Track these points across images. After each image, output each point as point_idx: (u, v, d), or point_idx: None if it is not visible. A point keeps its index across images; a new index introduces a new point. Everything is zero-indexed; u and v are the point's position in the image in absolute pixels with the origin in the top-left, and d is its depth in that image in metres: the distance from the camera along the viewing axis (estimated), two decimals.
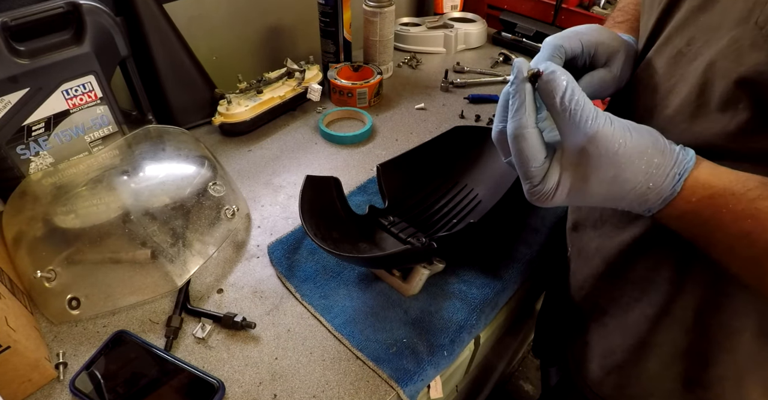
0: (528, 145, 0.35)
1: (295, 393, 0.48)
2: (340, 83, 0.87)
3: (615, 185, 0.35)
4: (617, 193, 0.35)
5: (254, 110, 0.81)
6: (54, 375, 0.48)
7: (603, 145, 0.33)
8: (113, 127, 0.70)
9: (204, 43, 0.84)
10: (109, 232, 0.56)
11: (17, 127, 0.60)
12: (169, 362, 0.49)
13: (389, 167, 0.64)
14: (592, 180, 0.35)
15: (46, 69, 0.59)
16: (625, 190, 0.35)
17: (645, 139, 0.35)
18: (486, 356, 0.82)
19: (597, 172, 0.34)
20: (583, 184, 0.35)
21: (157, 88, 0.77)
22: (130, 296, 0.55)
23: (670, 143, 0.36)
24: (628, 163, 0.34)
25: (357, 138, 0.82)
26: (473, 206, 0.67)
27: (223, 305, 0.56)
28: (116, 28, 0.65)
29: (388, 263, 0.56)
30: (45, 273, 0.52)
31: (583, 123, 0.33)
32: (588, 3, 1.11)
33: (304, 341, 0.53)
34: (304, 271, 0.60)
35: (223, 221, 0.62)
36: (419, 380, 0.50)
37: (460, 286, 0.59)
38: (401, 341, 0.53)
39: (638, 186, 0.35)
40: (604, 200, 0.36)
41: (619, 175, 0.34)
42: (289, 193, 0.72)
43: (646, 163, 0.34)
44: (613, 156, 0.34)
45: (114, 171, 0.63)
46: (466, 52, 1.12)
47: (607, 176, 0.34)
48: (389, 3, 0.90)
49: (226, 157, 0.78)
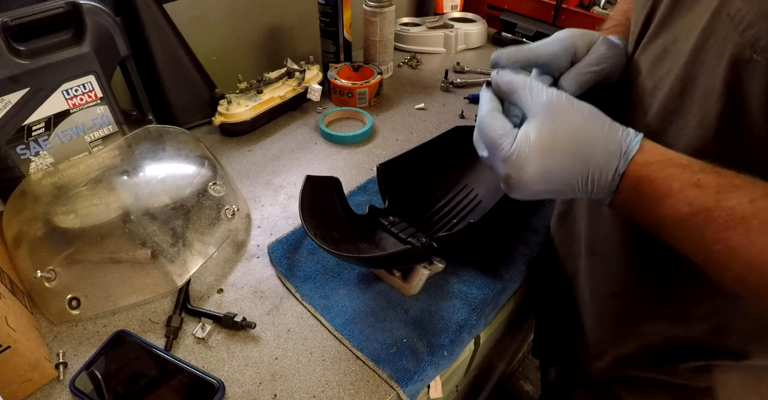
0: (492, 120, 0.39)
1: (295, 393, 0.48)
2: (340, 83, 0.87)
3: (579, 138, 0.36)
4: (582, 145, 0.36)
5: (254, 110, 0.81)
6: (54, 375, 0.48)
7: (561, 102, 0.37)
8: (113, 127, 0.70)
9: (204, 43, 0.84)
10: (109, 232, 0.56)
11: (17, 127, 0.60)
12: (169, 362, 0.49)
13: (389, 167, 0.64)
14: (558, 131, 0.36)
15: (46, 69, 0.59)
16: (589, 141, 0.36)
17: (595, 108, 0.37)
18: (486, 356, 0.82)
19: (561, 123, 0.36)
20: (551, 136, 0.36)
21: (157, 88, 0.77)
22: (130, 296, 0.55)
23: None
24: (587, 116, 0.37)
25: (357, 138, 0.82)
26: (473, 206, 0.67)
27: (223, 305, 0.56)
28: (116, 28, 0.65)
29: (388, 263, 0.56)
30: (45, 273, 0.52)
31: (538, 93, 0.38)
32: (588, 3, 1.11)
33: (304, 341, 0.53)
34: (304, 271, 0.60)
35: (223, 221, 0.62)
36: (419, 380, 0.50)
37: (460, 286, 0.59)
38: (401, 341, 0.52)
39: (602, 137, 0.36)
40: (572, 159, 0.36)
41: (582, 128, 0.36)
42: (289, 193, 0.72)
43: (600, 121, 0.36)
44: (571, 109, 0.37)
45: (114, 171, 0.63)
46: (466, 52, 1.12)
47: (571, 125, 0.36)
48: (389, 3, 0.90)
49: (226, 157, 0.78)
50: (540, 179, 0.37)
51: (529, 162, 0.36)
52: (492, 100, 0.41)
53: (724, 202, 0.31)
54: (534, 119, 0.37)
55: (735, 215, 0.30)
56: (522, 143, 0.36)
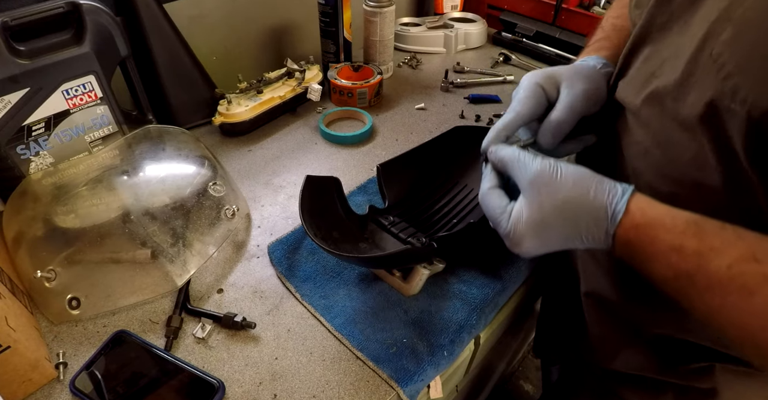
0: (491, 199, 0.43)
1: (295, 393, 0.48)
2: (341, 83, 0.87)
3: (566, 209, 0.39)
4: (570, 216, 0.39)
5: (254, 110, 0.81)
6: (54, 375, 0.48)
7: (546, 174, 0.40)
8: (113, 127, 0.70)
9: (204, 43, 0.84)
10: (109, 232, 0.56)
11: (17, 127, 0.60)
12: (169, 362, 0.49)
13: (389, 167, 0.64)
14: (545, 206, 0.39)
15: (46, 69, 0.59)
16: (577, 212, 0.39)
17: (582, 169, 0.40)
18: (486, 356, 0.82)
19: (547, 197, 0.39)
20: (539, 212, 0.39)
21: (157, 88, 0.77)
22: (130, 296, 0.55)
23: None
24: (572, 186, 0.39)
25: (357, 138, 0.82)
26: (473, 206, 0.67)
27: (223, 305, 0.56)
28: (116, 28, 0.65)
29: (388, 263, 0.56)
30: (45, 273, 0.52)
31: (526, 167, 0.41)
32: (588, 3, 1.11)
33: (304, 341, 0.53)
34: (304, 271, 0.60)
35: (223, 221, 0.62)
36: (419, 380, 0.50)
37: (460, 286, 0.59)
38: (401, 341, 0.52)
39: (587, 205, 0.38)
40: (563, 228, 0.39)
41: (568, 199, 0.39)
42: (289, 193, 0.72)
43: (585, 186, 0.39)
44: (556, 182, 0.39)
45: (114, 171, 0.63)
46: (466, 52, 1.12)
47: (557, 199, 0.39)
48: (389, 3, 0.90)
49: (226, 157, 0.78)
50: (539, 247, 0.41)
51: (525, 238, 0.40)
52: (490, 175, 0.45)
53: (704, 267, 0.34)
54: (524, 195, 0.41)
55: (713, 280, 0.33)
56: (516, 221, 0.41)
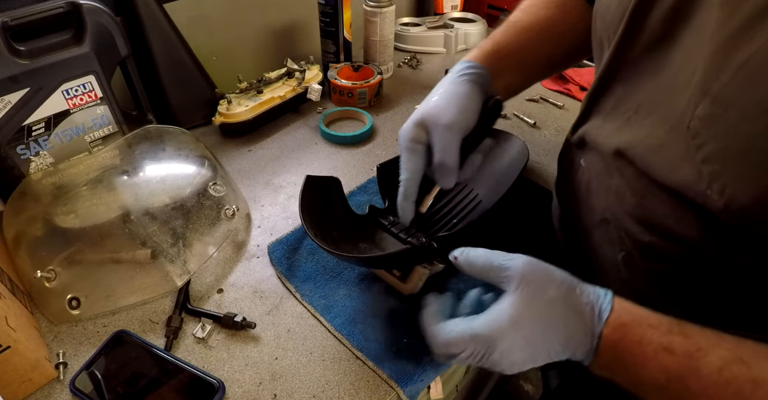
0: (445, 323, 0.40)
1: (295, 393, 0.48)
2: (341, 83, 0.87)
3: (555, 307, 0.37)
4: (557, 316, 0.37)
5: (254, 110, 0.81)
6: (54, 375, 0.48)
7: (537, 271, 0.38)
8: (113, 127, 0.70)
9: (204, 43, 0.84)
10: (109, 232, 0.56)
11: (17, 127, 0.60)
12: (169, 362, 0.49)
13: (389, 167, 0.64)
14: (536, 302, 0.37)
15: (46, 69, 0.59)
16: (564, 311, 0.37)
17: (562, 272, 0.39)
18: None
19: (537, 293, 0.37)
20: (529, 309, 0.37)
21: (157, 88, 0.77)
22: (130, 296, 0.55)
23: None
24: (560, 282, 0.37)
25: (357, 138, 0.82)
26: (473, 205, 0.67)
27: (223, 305, 0.56)
28: (116, 28, 0.65)
29: (388, 263, 0.56)
30: (45, 273, 0.52)
31: (510, 263, 0.39)
32: None
33: (304, 341, 0.53)
34: (304, 271, 0.60)
35: (223, 221, 0.62)
36: (419, 380, 0.50)
37: (460, 286, 0.59)
38: (401, 341, 0.52)
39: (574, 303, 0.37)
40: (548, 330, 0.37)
41: (557, 297, 0.37)
42: (289, 193, 0.72)
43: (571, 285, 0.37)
44: (546, 278, 0.38)
45: (114, 171, 0.63)
46: (466, 52, 1.11)
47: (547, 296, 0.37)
48: (389, 3, 0.90)
49: (226, 157, 0.78)
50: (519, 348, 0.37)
51: (505, 336, 0.37)
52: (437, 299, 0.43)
53: (696, 371, 0.33)
54: (510, 292, 0.38)
55: (708, 385, 0.32)
56: (495, 319, 0.37)
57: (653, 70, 0.39)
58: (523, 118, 0.87)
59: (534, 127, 0.85)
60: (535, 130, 0.84)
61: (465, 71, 0.54)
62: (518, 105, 0.91)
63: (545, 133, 0.84)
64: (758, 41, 0.29)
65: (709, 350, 0.33)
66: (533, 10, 0.60)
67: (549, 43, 0.60)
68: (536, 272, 0.38)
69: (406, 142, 0.52)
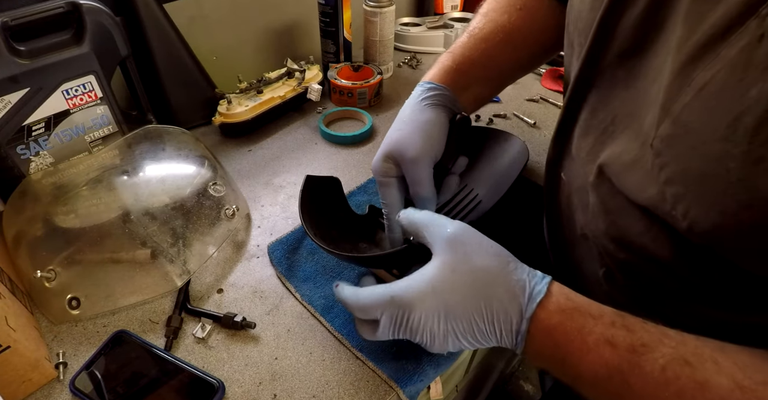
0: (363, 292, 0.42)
1: (295, 393, 0.48)
2: (341, 83, 0.87)
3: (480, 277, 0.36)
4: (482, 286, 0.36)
5: (254, 110, 0.81)
6: (54, 375, 0.48)
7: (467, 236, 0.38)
8: (113, 127, 0.70)
9: (204, 43, 0.84)
10: (109, 232, 0.56)
11: (17, 127, 0.60)
12: (169, 362, 0.49)
13: None
14: (458, 269, 0.36)
15: (46, 69, 0.59)
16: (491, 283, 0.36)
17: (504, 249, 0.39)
18: (486, 356, 0.82)
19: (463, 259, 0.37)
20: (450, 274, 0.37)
21: (157, 88, 0.77)
22: (130, 296, 0.55)
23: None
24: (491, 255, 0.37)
25: (357, 138, 0.82)
26: (473, 205, 0.67)
27: (223, 305, 0.56)
28: (116, 28, 0.65)
29: (388, 263, 0.56)
30: (45, 273, 0.52)
31: (444, 227, 0.39)
32: None
33: (304, 341, 0.53)
34: (304, 271, 0.60)
35: (223, 221, 0.62)
36: (419, 380, 0.50)
37: None
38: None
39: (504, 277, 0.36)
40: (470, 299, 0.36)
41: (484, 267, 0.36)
42: (289, 193, 0.72)
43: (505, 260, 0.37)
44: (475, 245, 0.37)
45: (114, 171, 0.63)
46: None
47: (473, 264, 0.37)
48: (389, 3, 0.90)
49: (226, 157, 0.78)
50: (433, 314, 0.36)
51: (423, 298, 0.36)
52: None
53: (639, 367, 0.31)
54: (436, 256, 0.38)
55: (649, 383, 0.31)
56: (415, 279, 0.37)
57: (625, 81, 0.38)
58: (523, 118, 0.87)
59: (534, 127, 0.85)
60: (535, 130, 0.84)
61: (425, 94, 0.53)
62: (518, 105, 0.91)
63: (545, 133, 0.84)
64: (717, 65, 0.28)
65: (653, 347, 0.32)
66: (494, 16, 0.58)
67: (513, 50, 0.58)
68: (468, 237, 0.37)
69: (378, 178, 0.52)
